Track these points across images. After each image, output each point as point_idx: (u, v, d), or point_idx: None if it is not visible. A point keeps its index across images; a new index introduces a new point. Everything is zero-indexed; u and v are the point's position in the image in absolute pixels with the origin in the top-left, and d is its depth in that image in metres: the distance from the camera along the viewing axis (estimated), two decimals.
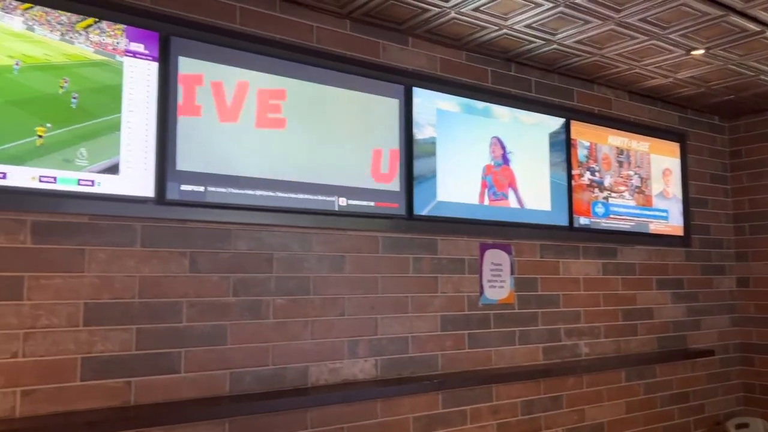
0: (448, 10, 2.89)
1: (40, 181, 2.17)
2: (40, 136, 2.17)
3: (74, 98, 2.25)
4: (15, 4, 2.19)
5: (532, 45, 3.30)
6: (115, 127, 2.33)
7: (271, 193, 2.66)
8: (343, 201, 2.86)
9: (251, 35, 2.70)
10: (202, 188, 2.49)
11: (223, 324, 2.56)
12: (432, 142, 3.15)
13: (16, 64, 2.17)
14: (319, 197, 2.79)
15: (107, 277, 2.33)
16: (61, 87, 2.23)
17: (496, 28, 3.08)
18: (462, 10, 2.88)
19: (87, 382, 2.26)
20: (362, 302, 2.94)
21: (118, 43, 2.36)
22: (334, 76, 2.88)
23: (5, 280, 2.14)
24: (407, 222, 3.06)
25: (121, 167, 2.32)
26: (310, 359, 2.77)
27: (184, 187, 2.45)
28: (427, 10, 2.89)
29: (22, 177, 2.13)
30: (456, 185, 3.22)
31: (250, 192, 2.61)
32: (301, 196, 2.74)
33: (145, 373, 2.37)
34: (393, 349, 3.01)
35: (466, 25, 3.05)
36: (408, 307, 3.08)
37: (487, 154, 3.35)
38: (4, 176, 2.10)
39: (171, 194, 2.42)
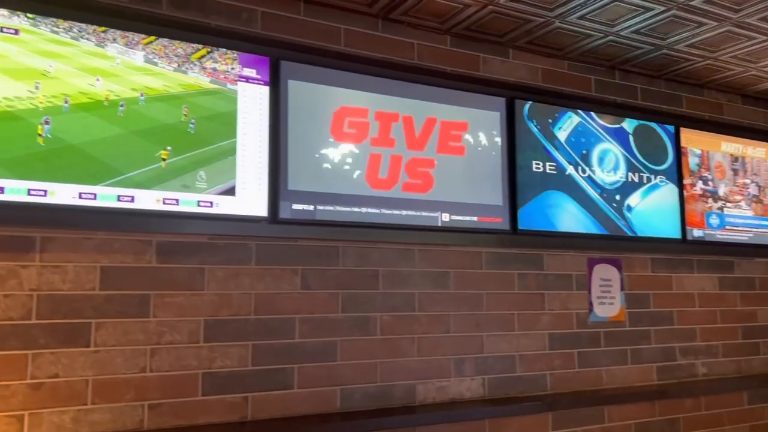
0: (552, 20, 2.83)
1: (164, 203, 2.27)
2: (164, 159, 2.28)
3: (192, 125, 2.36)
4: (137, 39, 2.32)
5: (640, 51, 3.17)
6: (231, 151, 2.41)
7: (375, 210, 2.68)
8: (446, 216, 2.84)
9: (355, 55, 2.75)
10: (311, 207, 2.54)
11: (333, 340, 2.59)
12: None
13: (141, 96, 2.30)
14: (423, 213, 2.78)
15: (225, 294, 2.41)
16: (183, 115, 2.34)
17: (602, 35, 2.99)
18: (567, 19, 2.81)
19: (207, 396, 2.33)
20: (467, 319, 2.90)
21: (232, 69, 2.46)
22: (435, 92, 2.88)
23: (134, 298, 2.25)
24: (511, 237, 3.00)
25: (237, 188, 2.41)
26: (417, 377, 2.75)
27: (295, 206, 2.51)
28: (530, 21, 2.84)
29: (148, 200, 2.25)
30: None
31: (356, 209, 2.64)
32: (404, 212, 2.74)
33: (260, 388, 2.42)
34: (500, 368, 2.94)
35: (571, 34, 2.97)
36: (514, 325, 3.01)
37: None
38: (132, 200, 2.22)
39: (283, 213, 2.48)
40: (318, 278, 2.59)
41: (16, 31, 2.13)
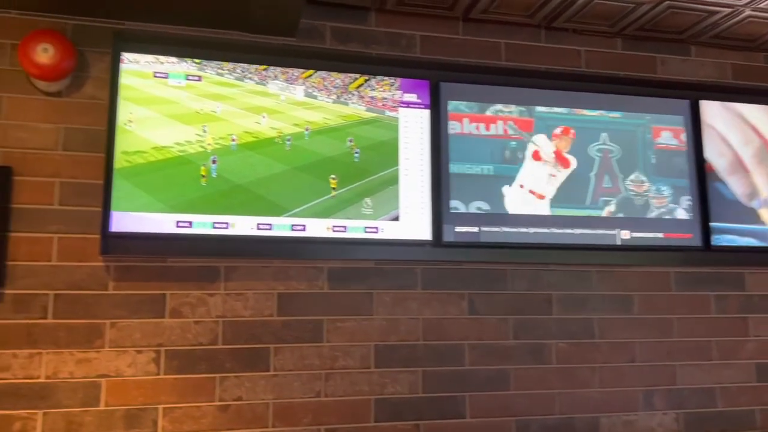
0: (742, 9, 2.50)
1: (333, 230, 2.33)
2: (333, 188, 2.35)
3: (356, 155, 2.40)
4: (297, 74, 2.42)
5: None
6: (394, 180, 2.42)
7: (545, 230, 2.53)
8: (625, 234, 2.61)
9: (518, 69, 2.64)
10: (476, 229, 2.46)
11: (506, 368, 2.47)
12: None
13: (306, 130, 2.39)
14: (599, 231, 2.58)
15: (393, 319, 2.41)
16: (347, 147, 2.40)
17: None
18: (760, 6, 2.47)
19: (380, 423, 2.33)
20: (656, 347, 2.62)
21: (391, 96, 2.47)
22: (607, 100, 2.68)
23: (308, 323, 2.33)
24: (703, 254, 2.67)
25: (401, 213, 2.40)
26: (600, 409, 2.53)
27: (458, 229, 2.45)
28: (715, 13, 2.54)
29: (318, 228, 2.32)
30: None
31: (524, 230, 2.51)
32: (578, 231, 2.56)
33: (432, 416, 2.37)
34: (697, 402, 2.61)
35: (766, 22, 2.61)
36: (712, 354, 2.66)
37: None
38: (304, 228, 2.30)
39: (447, 236, 2.43)
40: (486, 303, 2.50)
41: (199, 78, 2.33)
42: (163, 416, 2.16)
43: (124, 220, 2.16)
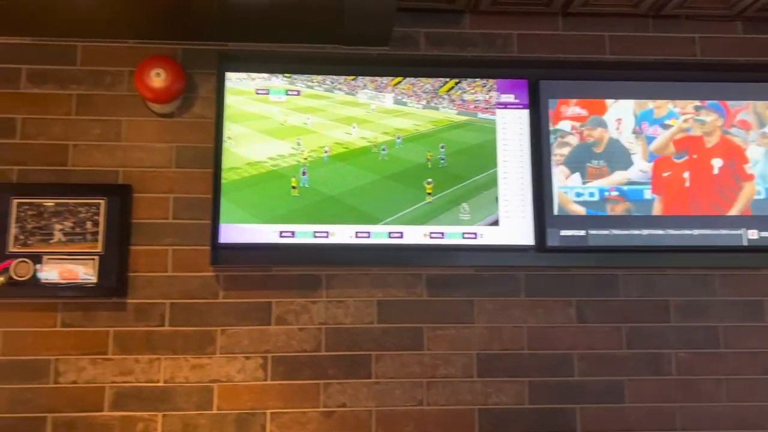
0: None
1: (431, 237, 2.31)
2: (429, 194, 2.33)
3: (442, 161, 2.36)
4: (386, 81, 2.42)
5: None
6: (490, 183, 2.36)
7: (660, 231, 2.36)
8: (752, 233, 2.38)
9: (624, 62, 2.50)
10: (583, 232, 2.35)
11: (619, 380, 2.32)
12: None
13: (398, 138, 2.38)
14: (722, 231, 2.37)
15: (495, 327, 2.34)
16: (438, 153, 2.37)
17: None
18: None
19: None
20: None
21: (485, 98, 2.42)
22: (726, 89, 2.46)
23: (408, 330, 2.32)
24: None
25: (501, 218, 2.34)
26: (727, 425, 2.32)
27: (564, 233, 2.34)
28: None
29: (415, 235, 2.31)
30: None
31: (636, 232, 2.36)
32: (697, 231, 2.36)
33: (540, 428, 2.28)
34: None
35: None
36: None
37: None
38: (401, 235, 2.30)
39: (551, 241, 2.33)
40: (596, 310, 2.37)
41: (298, 92, 2.40)
42: (271, 421, 2.23)
43: (232, 232, 2.26)
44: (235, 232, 2.27)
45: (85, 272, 2.23)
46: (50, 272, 2.22)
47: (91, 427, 2.17)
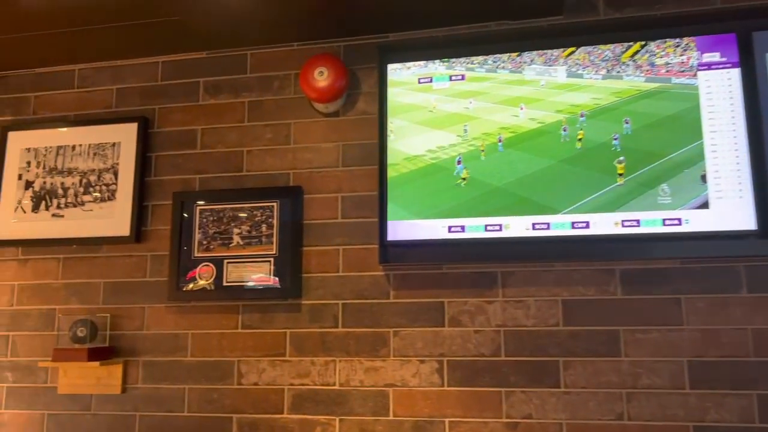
0: None
1: (623, 225, 2.00)
2: (620, 175, 2.02)
3: (626, 135, 2.04)
4: (556, 53, 2.15)
5: None
6: (696, 158, 1.99)
7: None
8: None
9: None
10: None
11: None
12: None
13: (582, 116, 2.10)
14: None
15: (711, 330, 1.96)
16: (623, 128, 2.05)
17: None
18: None
19: None
20: None
21: (682, 59, 2.05)
22: None
23: (600, 334, 2.03)
24: None
25: (711, 199, 1.96)
26: None
27: None
28: None
29: (604, 224, 2.01)
30: None
31: None
32: None
33: None
34: None
35: None
36: None
37: None
38: (587, 225, 2.02)
39: None
40: None
41: (462, 77, 2.23)
42: (450, 429, 2.07)
43: (399, 229, 2.15)
44: (402, 228, 2.15)
45: (262, 274, 2.26)
46: (231, 275, 2.28)
47: (273, 429, 2.18)
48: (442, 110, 2.23)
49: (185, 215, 2.36)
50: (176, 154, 2.44)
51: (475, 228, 2.11)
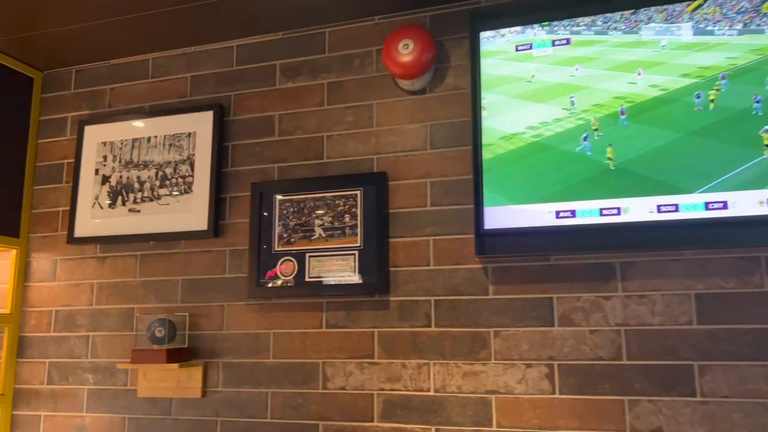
0: None
1: None
2: (767, 146, 1.70)
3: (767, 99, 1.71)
4: (680, 8, 1.85)
5: None
6: None
7: None
8: None
9: None
10: None
11: None
12: None
13: (723, 78, 1.79)
14: None
15: None
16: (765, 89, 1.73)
17: None
18: None
19: None
20: None
21: None
22: None
23: (745, 333, 1.71)
24: None
25: None
26: None
27: None
28: None
29: (746, 204, 1.70)
30: None
31: None
32: None
33: None
34: None
35: None
36: None
37: None
38: (725, 206, 1.71)
39: None
40: None
41: (567, 41, 1.96)
42: None
43: (498, 216, 1.91)
44: (501, 215, 1.91)
45: (346, 269, 2.07)
46: (313, 270, 2.11)
47: None
48: (543, 81, 1.96)
49: (264, 207, 2.20)
50: (253, 143, 2.29)
51: (588, 212, 1.83)
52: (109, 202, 2.39)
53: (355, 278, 2.05)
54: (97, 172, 2.44)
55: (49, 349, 2.39)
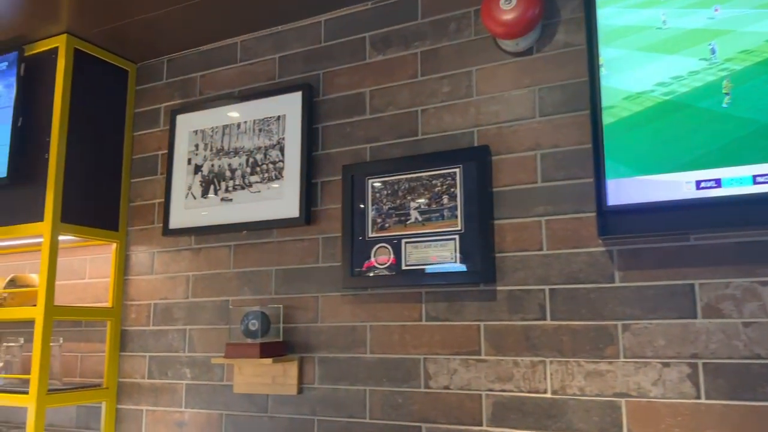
0: None
1: None
2: None
3: None
4: None
5: None
6: None
7: None
8: None
9: None
10: None
11: None
12: None
13: None
14: None
15: None
16: None
17: None
18: None
19: None
20: None
21: None
22: None
23: None
24: None
25: None
26: None
27: None
28: None
29: None
30: None
31: None
32: None
33: None
34: None
35: None
36: None
37: None
38: None
39: None
40: None
41: None
42: None
43: (624, 189, 1.62)
44: (627, 189, 1.62)
45: (446, 255, 1.86)
46: (410, 257, 1.92)
47: None
48: (675, 28, 1.65)
49: (356, 191, 2.04)
50: (343, 123, 2.13)
51: (738, 181, 1.51)
52: (202, 191, 2.33)
53: (457, 266, 1.84)
54: (189, 161, 2.38)
55: (148, 343, 2.36)
